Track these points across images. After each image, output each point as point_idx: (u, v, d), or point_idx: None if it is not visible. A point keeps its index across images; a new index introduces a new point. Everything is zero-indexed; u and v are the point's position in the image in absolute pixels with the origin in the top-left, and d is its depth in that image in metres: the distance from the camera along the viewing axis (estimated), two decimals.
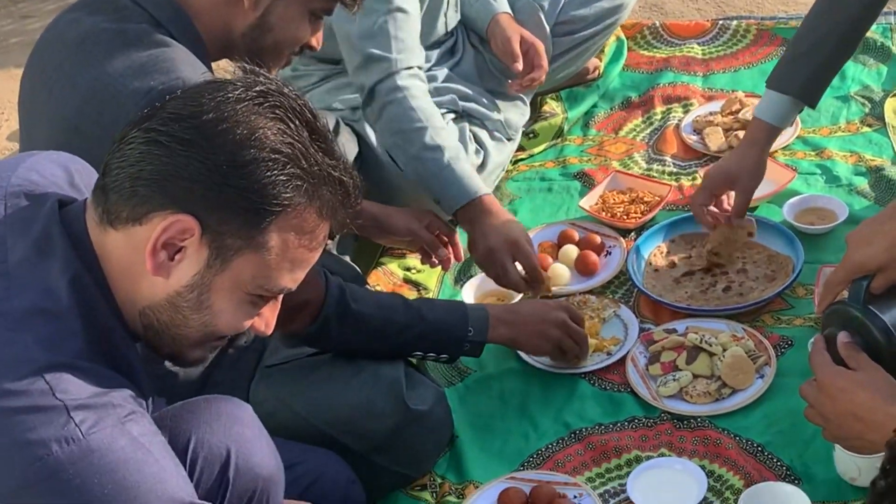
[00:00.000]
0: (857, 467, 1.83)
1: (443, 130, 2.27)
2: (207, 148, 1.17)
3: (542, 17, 2.77)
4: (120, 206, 1.21)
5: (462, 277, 2.45)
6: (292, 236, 1.22)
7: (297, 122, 1.21)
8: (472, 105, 2.64)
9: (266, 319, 1.32)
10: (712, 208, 2.31)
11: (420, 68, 2.32)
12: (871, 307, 1.70)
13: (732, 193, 2.29)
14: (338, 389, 1.96)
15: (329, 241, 2.10)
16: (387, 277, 2.48)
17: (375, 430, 1.93)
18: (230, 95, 1.19)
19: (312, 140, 1.22)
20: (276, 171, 1.18)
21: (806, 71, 2.21)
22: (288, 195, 1.20)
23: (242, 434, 1.50)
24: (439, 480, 2.01)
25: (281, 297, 1.31)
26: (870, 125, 2.72)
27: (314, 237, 1.25)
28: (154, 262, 1.21)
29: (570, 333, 2.12)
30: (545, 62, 2.65)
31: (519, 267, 2.20)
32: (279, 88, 1.22)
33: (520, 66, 2.62)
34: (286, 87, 1.23)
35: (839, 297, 1.78)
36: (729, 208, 2.30)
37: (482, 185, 2.24)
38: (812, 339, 2.00)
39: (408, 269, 2.51)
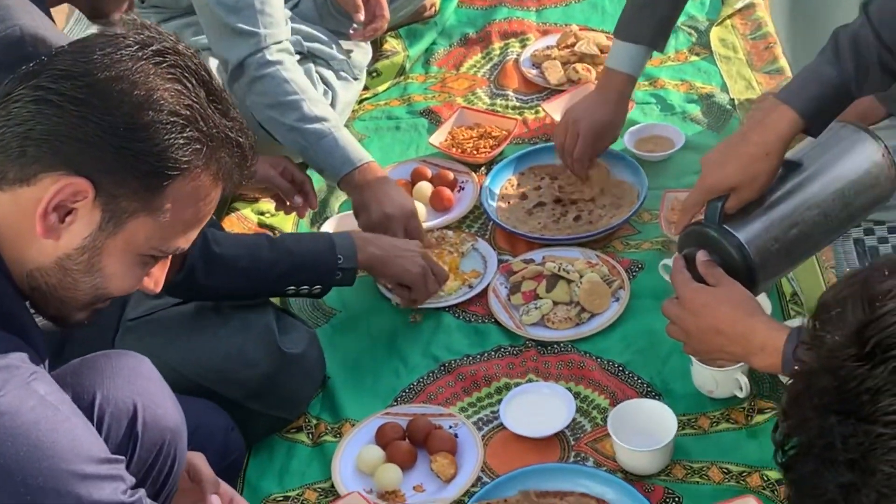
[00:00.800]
0: (714, 380, 1.95)
1: (320, 102, 2.28)
2: (103, 109, 1.15)
3: None
4: (7, 166, 1.17)
5: (318, 220, 2.46)
6: (188, 198, 1.22)
7: (194, 82, 1.19)
8: (317, 45, 2.64)
9: (155, 278, 1.32)
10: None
11: (287, 41, 2.31)
12: (726, 226, 1.80)
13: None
14: (207, 339, 1.96)
15: None
16: (241, 223, 2.46)
17: (250, 377, 1.94)
18: (124, 53, 1.16)
19: (209, 101, 1.21)
20: (174, 134, 1.17)
21: (652, 19, 2.29)
22: (186, 158, 1.19)
23: (146, 387, 1.49)
24: (314, 421, 2.04)
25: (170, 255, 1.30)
26: (697, 54, 2.84)
27: (210, 199, 1.25)
28: (44, 224, 1.19)
29: (432, 265, 2.16)
30: (386, 11, 2.67)
31: None
32: (174, 46, 1.20)
33: (362, 15, 2.63)
34: (180, 44, 1.21)
35: (695, 218, 1.87)
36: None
37: (366, 153, 2.26)
38: (662, 262, 2.12)
39: (261, 214, 2.50)
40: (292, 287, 2.02)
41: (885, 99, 2.12)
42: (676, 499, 1.83)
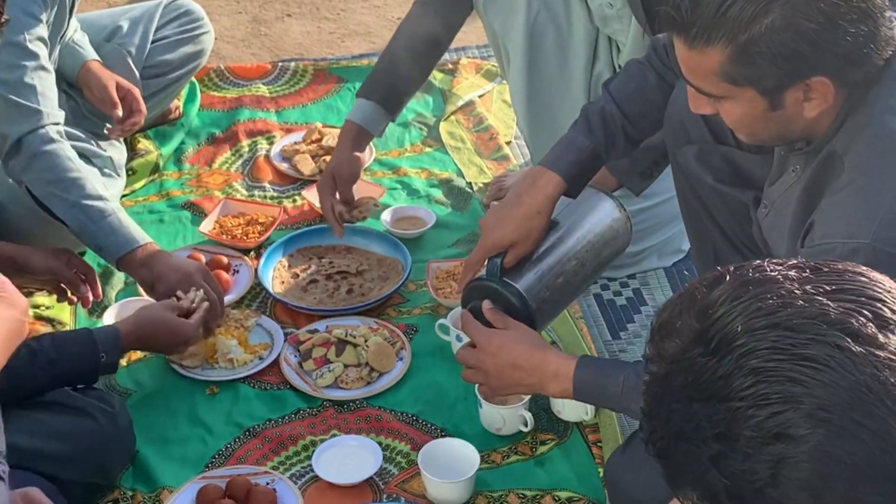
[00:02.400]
0: (501, 417, 2.18)
1: (99, 183, 2.35)
2: None
3: (131, 62, 2.89)
4: None
5: (96, 308, 2.50)
6: None
7: None
8: (80, 144, 2.69)
9: None
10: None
11: (63, 125, 2.38)
12: (505, 279, 2.06)
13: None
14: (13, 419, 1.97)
15: None
16: None
17: (61, 449, 1.96)
18: None
19: None
20: None
21: (386, 83, 2.61)
22: None
23: None
24: (130, 493, 2.09)
25: None
26: (430, 146, 3.14)
27: None
28: None
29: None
30: (143, 106, 2.78)
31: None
32: None
33: (119, 112, 2.72)
34: None
35: (477, 274, 2.12)
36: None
37: (145, 234, 2.34)
38: (438, 322, 2.35)
39: (37, 307, 2.51)
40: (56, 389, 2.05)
41: (614, 170, 2.47)
42: None
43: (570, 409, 2.20)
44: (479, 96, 3.35)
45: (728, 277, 1.10)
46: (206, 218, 2.76)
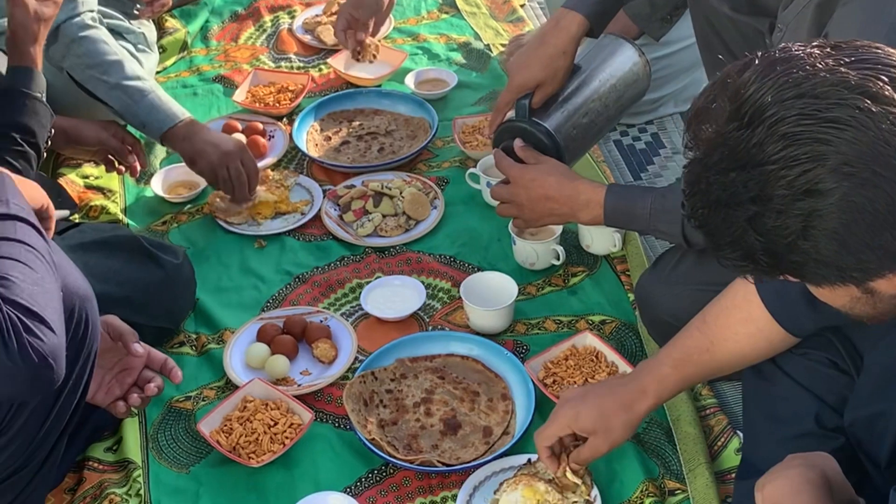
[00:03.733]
0: (535, 252, 2.32)
1: (136, 63, 2.45)
2: None
3: None
4: None
5: (143, 176, 2.63)
6: None
7: None
8: (114, 21, 2.80)
9: None
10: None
11: (97, 11, 2.47)
12: (534, 118, 2.17)
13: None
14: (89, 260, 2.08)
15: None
16: (69, 187, 2.60)
17: (132, 291, 2.10)
18: None
19: None
20: None
21: None
22: None
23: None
24: (194, 335, 2.24)
25: None
26: (447, 12, 3.24)
27: None
28: None
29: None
30: None
31: None
32: None
33: None
34: None
35: (506, 117, 2.24)
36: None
37: (184, 110, 2.44)
38: (468, 172, 2.48)
39: (86, 177, 2.64)
40: None
41: (635, 17, 2.58)
42: (525, 346, 2.18)
43: (599, 243, 2.34)
44: None
45: (757, 61, 1.22)
46: (237, 89, 2.87)
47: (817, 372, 1.74)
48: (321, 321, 2.22)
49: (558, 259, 2.32)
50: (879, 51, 1.19)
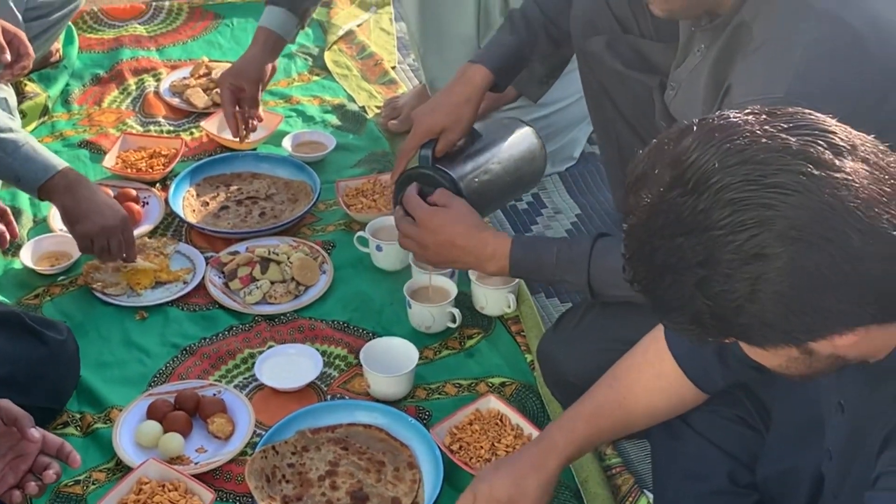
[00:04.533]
0: (431, 316, 2.29)
1: (6, 116, 2.33)
2: None
3: (12, 4, 2.85)
4: None
5: (11, 247, 2.49)
6: None
7: None
8: None
9: None
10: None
11: None
12: (438, 166, 2.16)
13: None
14: None
15: None
16: None
17: (13, 372, 1.98)
18: None
19: None
20: None
21: None
22: None
23: None
24: (78, 415, 2.12)
25: None
26: (318, 74, 3.21)
27: None
28: None
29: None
30: (31, 49, 2.74)
31: None
32: None
33: (8, 56, 2.69)
34: None
35: (409, 164, 2.21)
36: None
37: (60, 160, 2.32)
38: (356, 235, 2.44)
39: None
40: None
41: (516, 83, 2.60)
42: (427, 412, 2.15)
43: (493, 304, 2.33)
44: (358, 26, 3.43)
45: (694, 128, 1.23)
46: (105, 154, 2.77)
47: (728, 429, 1.76)
48: (214, 394, 2.14)
49: (454, 321, 2.29)
50: (812, 117, 1.21)
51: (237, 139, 2.75)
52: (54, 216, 2.55)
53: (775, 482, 1.71)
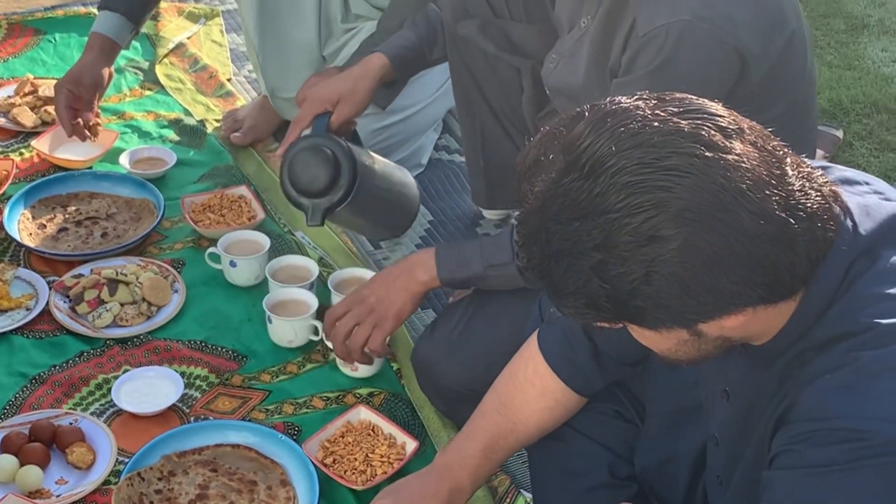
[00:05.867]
0: (293, 330, 2.24)
1: None
2: None
3: None
4: None
5: None
6: None
7: None
8: None
9: None
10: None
11: None
12: (332, 135, 2.12)
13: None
14: None
15: None
16: None
17: None
18: None
19: None
20: None
21: None
22: None
23: None
24: None
25: None
26: (150, 89, 3.11)
27: None
28: None
29: None
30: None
31: None
32: None
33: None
34: None
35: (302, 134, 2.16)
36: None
37: None
38: (208, 252, 2.37)
39: None
40: None
41: None
42: (296, 428, 2.10)
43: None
44: (188, 38, 3.34)
45: (587, 114, 1.24)
46: None
47: (605, 424, 1.78)
48: (71, 423, 2.04)
49: (317, 334, 2.25)
50: (699, 101, 1.24)
51: (83, 140, 2.67)
52: None
53: (653, 472, 1.74)
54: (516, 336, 1.78)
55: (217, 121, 2.97)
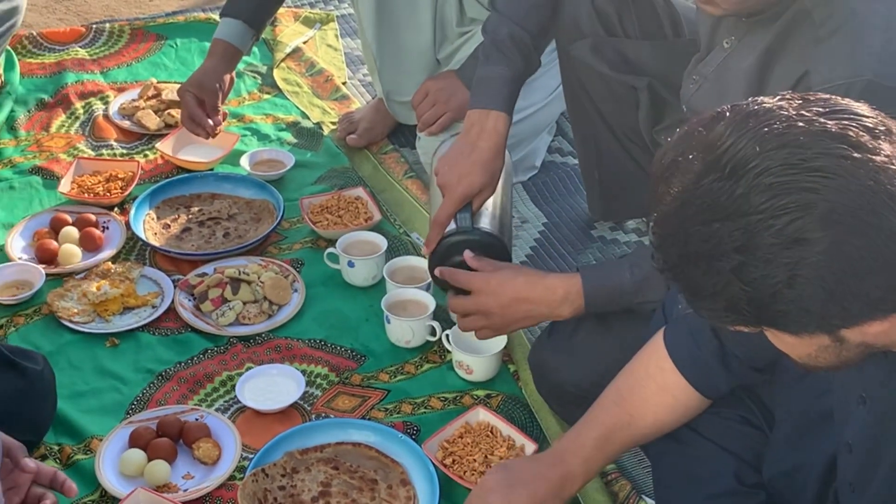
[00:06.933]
0: (411, 330, 2.26)
1: None
2: None
3: None
4: None
5: None
6: None
7: None
8: None
9: None
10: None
11: None
12: (477, 228, 2.07)
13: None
14: None
15: None
16: None
17: None
18: None
19: None
20: None
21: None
22: None
23: None
24: (56, 447, 2.05)
25: None
26: (268, 93, 3.16)
27: None
28: None
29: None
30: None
31: None
32: None
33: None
34: None
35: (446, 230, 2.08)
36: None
37: None
38: (326, 252, 2.39)
39: None
40: None
41: None
42: (415, 427, 2.11)
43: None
44: (304, 43, 3.39)
45: (727, 114, 1.22)
46: (60, 180, 2.69)
47: (731, 429, 1.76)
48: (197, 419, 2.08)
49: (434, 335, 2.26)
50: (844, 101, 1.22)
51: (210, 137, 2.75)
52: (12, 245, 2.48)
53: (782, 480, 1.71)
54: (635, 340, 1.76)
55: (333, 123, 3.00)
